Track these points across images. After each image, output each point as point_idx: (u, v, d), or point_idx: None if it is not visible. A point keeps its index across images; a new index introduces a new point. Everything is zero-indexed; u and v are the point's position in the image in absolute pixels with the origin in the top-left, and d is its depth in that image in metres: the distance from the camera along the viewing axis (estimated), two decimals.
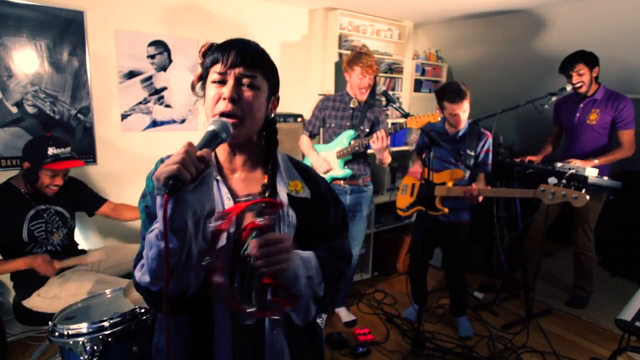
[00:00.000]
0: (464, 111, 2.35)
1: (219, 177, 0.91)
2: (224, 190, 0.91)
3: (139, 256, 0.86)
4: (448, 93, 2.33)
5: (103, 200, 2.33)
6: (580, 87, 2.70)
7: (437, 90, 2.46)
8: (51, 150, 1.96)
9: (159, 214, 0.68)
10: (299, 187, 0.95)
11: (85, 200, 2.30)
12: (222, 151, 0.94)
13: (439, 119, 2.16)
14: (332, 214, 1.02)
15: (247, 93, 0.85)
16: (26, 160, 1.97)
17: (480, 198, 2.30)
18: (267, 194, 0.91)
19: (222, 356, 0.89)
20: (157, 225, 0.72)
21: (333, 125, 2.58)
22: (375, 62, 2.43)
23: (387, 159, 2.40)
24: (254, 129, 0.90)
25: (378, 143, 2.27)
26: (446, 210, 2.42)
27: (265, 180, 0.93)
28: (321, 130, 2.68)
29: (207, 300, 0.88)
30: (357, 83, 2.47)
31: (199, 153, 0.70)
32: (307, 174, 1.01)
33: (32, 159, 1.95)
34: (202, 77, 0.91)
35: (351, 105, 2.55)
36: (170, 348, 0.78)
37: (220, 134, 0.78)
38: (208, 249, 0.80)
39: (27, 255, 1.94)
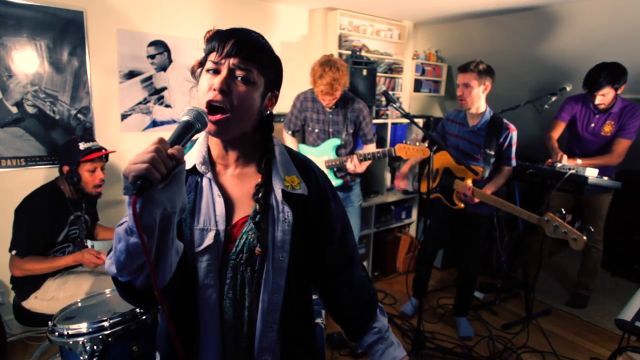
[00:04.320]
0: (467, 86, 2.33)
1: (210, 175, 0.89)
2: (215, 187, 0.89)
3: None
4: (463, 63, 2.35)
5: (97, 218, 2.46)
6: (601, 105, 2.66)
7: None
8: (82, 145, 2.03)
9: (128, 211, 0.66)
10: (295, 183, 0.92)
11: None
12: (215, 146, 0.91)
13: (429, 154, 2.18)
14: (333, 208, 0.99)
15: (240, 87, 0.81)
16: (64, 164, 2.02)
17: (476, 200, 2.30)
18: (260, 194, 0.88)
19: (210, 354, 0.88)
20: (126, 220, 0.70)
21: (317, 130, 2.55)
22: (340, 81, 2.30)
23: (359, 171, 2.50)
24: (244, 125, 0.85)
25: (352, 170, 2.41)
26: (462, 205, 2.42)
27: (259, 180, 0.90)
28: (303, 127, 2.67)
29: (193, 300, 0.87)
30: (319, 98, 2.44)
31: (170, 151, 0.67)
32: (306, 167, 0.98)
33: (68, 160, 2.01)
34: (202, 64, 0.88)
35: (328, 110, 2.52)
36: (177, 341, 0.76)
37: (194, 125, 0.73)
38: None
39: (73, 253, 2.00)
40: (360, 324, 1.05)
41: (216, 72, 0.82)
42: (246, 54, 0.81)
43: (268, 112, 0.92)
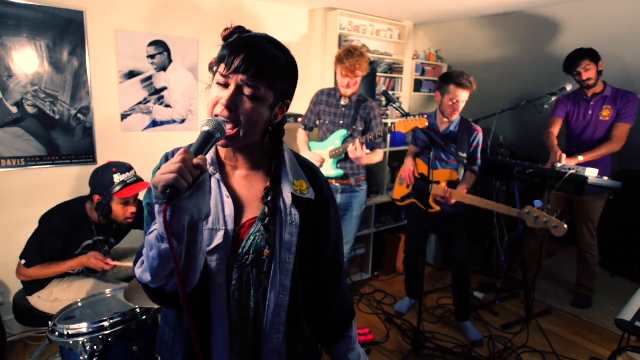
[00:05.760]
0: (463, 101, 2.35)
1: (218, 176, 0.90)
2: (224, 188, 0.90)
3: (140, 253, 0.86)
4: (456, 77, 2.33)
5: None
6: (589, 81, 2.69)
7: (444, 74, 2.44)
8: (117, 178, 1.93)
9: (158, 219, 0.70)
10: (303, 188, 0.94)
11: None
12: (223, 148, 0.92)
13: (426, 123, 2.17)
14: (332, 216, 1.02)
15: (247, 104, 0.81)
16: (95, 193, 1.95)
17: (453, 200, 2.33)
18: (269, 197, 0.89)
19: (220, 355, 0.89)
20: (157, 227, 0.73)
21: (327, 122, 2.59)
22: (362, 65, 2.38)
23: (363, 163, 2.46)
24: (251, 137, 0.86)
25: (353, 153, 2.34)
26: (439, 208, 2.44)
27: (268, 183, 0.91)
28: (318, 123, 2.69)
29: (205, 300, 0.88)
30: (339, 80, 2.48)
31: (195, 161, 0.70)
32: (313, 174, 0.99)
33: (101, 191, 1.93)
34: (216, 64, 0.86)
35: (342, 103, 2.55)
36: (197, 343, 0.78)
37: (214, 134, 0.76)
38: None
39: (79, 256, 1.97)
40: (338, 331, 1.09)
41: (225, 84, 0.81)
42: (255, 71, 0.79)
43: (278, 120, 0.92)
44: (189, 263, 0.78)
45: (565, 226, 1.90)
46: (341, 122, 2.54)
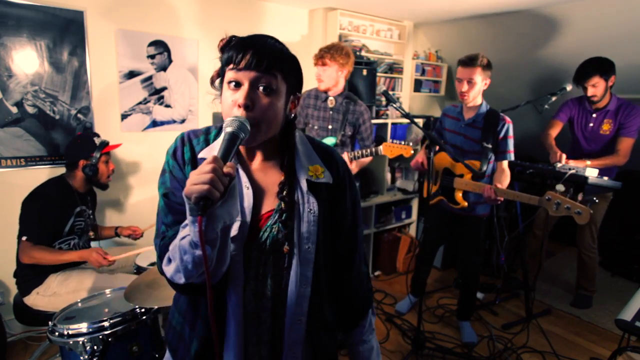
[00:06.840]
0: (469, 82, 2.25)
1: (239, 166, 0.89)
2: (244, 179, 0.89)
3: (163, 248, 0.85)
4: (464, 57, 2.25)
5: None
6: (594, 97, 2.67)
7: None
8: (97, 140, 2.19)
9: (192, 229, 0.71)
10: (319, 172, 0.92)
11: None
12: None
13: (411, 152, 2.22)
14: (348, 198, 0.99)
15: (264, 99, 0.81)
16: (81, 159, 2.13)
17: (501, 197, 2.18)
18: (284, 192, 0.89)
19: (233, 344, 0.89)
20: (188, 233, 0.75)
21: (316, 127, 2.54)
22: (334, 55, 2.34)
23: (353, 173, 2.41)
24: (271, 133, 0.86)
25: None
26: (465, 203, 2.39)
27: (282, 177, 0.91)
28: (308, 125, 2.66)
29: (222, 290, 0.88)
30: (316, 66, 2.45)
31: (225, 170, 0.70)
32: (328, 156, 0.97)
33: (87, 155, 2.14)
34: (220, 74, 0.87)
35: (329, 105, 2.49)
36: (218, 344, 0.80)
37: (239, 135, 0.76)
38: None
39: (81, 249, 2.10)
40: (351, 319, 1.08)
41: (237, 84, 0.81)
42: (266, 64, 0.80)
43: (292, 115, 0.92)
44: (220, 260, 0.80)
45: (591, 211, 1.81)
46: (330, 126, 2.50)
